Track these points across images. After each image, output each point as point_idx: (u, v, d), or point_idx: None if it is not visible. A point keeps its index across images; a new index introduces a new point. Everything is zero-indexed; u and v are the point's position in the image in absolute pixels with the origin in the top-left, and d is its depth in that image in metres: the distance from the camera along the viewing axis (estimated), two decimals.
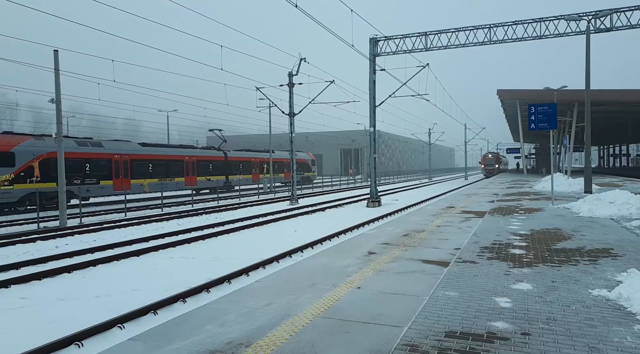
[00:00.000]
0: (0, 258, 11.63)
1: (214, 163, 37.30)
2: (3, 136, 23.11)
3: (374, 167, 25.59)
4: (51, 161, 23.60)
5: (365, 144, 59.07)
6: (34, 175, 23.10)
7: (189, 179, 34.16)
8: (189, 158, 34.40)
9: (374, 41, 24.82)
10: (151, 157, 30.89)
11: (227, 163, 39.08)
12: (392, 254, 8.27)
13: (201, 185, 35.70)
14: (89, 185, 26.22)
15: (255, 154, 44.45)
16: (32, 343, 5.67)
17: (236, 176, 40.07)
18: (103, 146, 27.75)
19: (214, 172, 37.17)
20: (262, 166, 44.65)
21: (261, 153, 45.83)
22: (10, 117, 73.96)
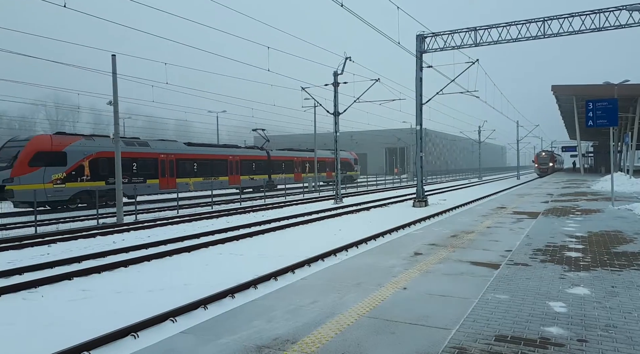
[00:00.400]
0: (64, 252, 12.40)
1: (257, 163, 37.56)
2: (56, 136, 23.87)
3: (420, 166, 25.15)
4: (100, 160, 24.54)
5: (411, 143, 58.21)
6: (84, 173, 23.87)
7: (232, 178, 34.57)
8: (233, 157, 34.86)
9: (420, 38, 24.39)
10: (196, 157, 31.33)
11: (269, 162, 39.21)
12: (439, 255, 8.12)
13: (244, 184, 36.05)
14: (136, 183, 26.71)
15: (297, 153, 44.58)
16: (92, 333, 6.01)
17: (278, 175, 40.14)
18: (150, 145, 28.37)
19: (257, 171, 37.42)
20: (304, 165, 44.59)
21: (303, 152, 45.92)
22: (72, 119, 78.62)
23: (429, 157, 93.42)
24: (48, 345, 5.70)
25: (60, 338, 6.02)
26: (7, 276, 9.72)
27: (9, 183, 21.14)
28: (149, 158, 27.84)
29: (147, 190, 27.79)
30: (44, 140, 22.92)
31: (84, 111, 61.10)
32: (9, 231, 16.82)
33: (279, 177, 40.11)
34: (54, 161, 22.59)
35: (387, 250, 8.81)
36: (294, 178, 42.33)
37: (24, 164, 21.59)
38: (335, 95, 27.47)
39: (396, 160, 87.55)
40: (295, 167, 43.07)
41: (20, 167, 21.45)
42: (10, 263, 11.08)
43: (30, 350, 5.60)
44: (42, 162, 22.08)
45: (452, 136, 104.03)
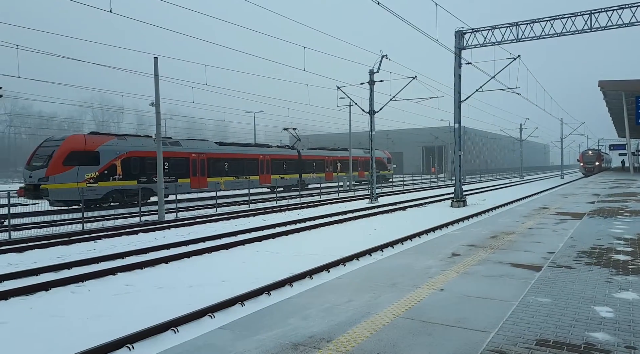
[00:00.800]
0: (108, 248, 12.93)
1: (287, 162, 37.30)
2: (89, 136, 24.02)
3: (458, 165, 24.64)
4: (132, 159, 24.82)
5: (449, 141, 57.01)
6: (116, 173, 24.06)
7: (263, 177, 34.44)
8: (264, 156, 34.72)
9: (459, 34, 23.89)
10: (227, 156, 31.36)
11: (300, 161, 38.86)
12: (478, 256, 7.93)
13: (275, 184, 35.69)
14: (167, 183, 26.47)
15: (328, 152, 43.86)
16: (135, 326, 6.24)
17: (309, 174, 39.85)
18: (181, 145, 28.38)
19: (287, 170, 37.19)
20: (336, 164, 43.91)
21: (334, 151, 45.32)
22: (117, 120, 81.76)
23: (468, 155, 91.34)
24: (94, 337, 5.96)
25: (105, 331, 6.28)
26: (57, 270, 10.22)
27: (44, 182, 21.46)
28: (180, 158, 27.85)
29: (179, 189, 27.40)
30: (78, 139, 23.21)
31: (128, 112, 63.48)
32: (59, 227, 17.68)
33: (310, 176, 39.85)
34: (87, 160, 22.91)
35: (423, 250, 8.69)
36: (325, 178, 41.89)
37: (59, 163, 21.91)
38: (371, 94, 27.31)
39: (433, 159, 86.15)
40: (326, 166, 42.57)
41: (55, 166, 21.78)
42: (60, 257, 11.66)
43: (77, 341, 5.87)
44: (76, 161, 22.37)
45: (492, 134, 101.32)
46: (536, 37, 22.52)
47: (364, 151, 47.82)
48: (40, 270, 10.01)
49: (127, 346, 5.70)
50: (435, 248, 8.86)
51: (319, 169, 41.58)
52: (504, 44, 23.12)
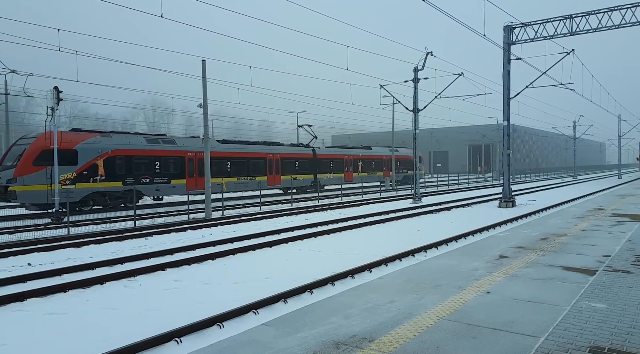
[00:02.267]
0: (158, 245, 13.45)
1: (300, 161, 34.52)
2: (67, 133, 22.09)
3: (507, 164, 23.83)
4: (117, 159, 22.79)
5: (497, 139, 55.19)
6: (98, 173, 21.97)
7: (272, 178, 32.02)
8: (272, 155, 32.22)
9: (508, 29, 23.10)
10: (230, 155, 29.08)
11: (315, 161, 35.91)
12: (527, 258, 7.65)
13: (286, 185, 33.29)
14: (159, 184, 24.66)
15: (348, 151, 40.74)
16: (183, 320, 6.46)
17: (326, 175, 36.74)
18: (176, 143, 26.28)
19: (300, 171, 34.43)
20: (357, 164, 40.44)
21: (356, 149, 42.30)
22: (167, 121, 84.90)
23: (517, 154, 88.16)
24: (145, 329, 6.23)
25: (155, 323, 6.55)
26: (111, 265, 10.75)
27: (13, 183, 19.52)
28: (174, 157, 25.59)
29: (172, 191, 25.56)
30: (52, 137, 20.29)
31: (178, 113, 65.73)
32: (113, 224, 18.58)
33: (326, 176, 36.76)
34: (63, 160, 20.51)
35: (469, 251, 8.48)
36: (344, 178, 38.49)
37: (28, 163, 19.80)
38: (415, 92, 26.90)
39: (480, 158, 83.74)
40: (346, 166, 39.26)
41: (24, 166, 19.70)
42: (113, 253, 12.25)
43: (130, 333, 6.16)
44: (49, 161, 19.61)
45: (543, 132, 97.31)
46: (592, 30, 21.41)
47: (389, 149, 44.70)
48: (95, 264, 10.56)
49: (175, 339, 5.91)
50: (482, 249, 8.62)
51: (337, 169, 38.47)
52: (556, 37, 22.14)
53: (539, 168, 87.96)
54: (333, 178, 37.35)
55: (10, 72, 19.57)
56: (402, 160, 46.05)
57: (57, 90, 19.13)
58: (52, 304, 7.76)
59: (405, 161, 46.57)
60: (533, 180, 63.14)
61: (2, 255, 11.81)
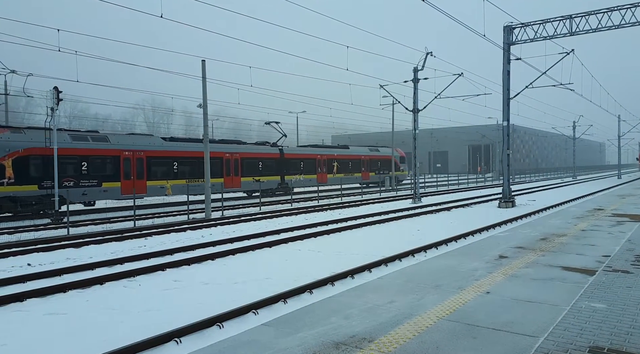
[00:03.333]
0: (158, 245, 13.45)
1: (265, 162, 31.27)
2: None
3: (507, 164, 23.84)
4: (31, 159, 19.82)
5: (497, 140, 55.19)
6: (4, 176, 19.05)
7: (229, 180, 28.79)
8: (230, 155, 28.99)
9: (508, 29, 23.11)
10: (175, 154, 25.83)
11: (283, 161, 32.79)
12: (526, 259, 7.66)
13: (247, 187, 30.12)
14: (86, 187, 21.68)
15: (322, 150, 37.35)
16: (183, 321, 6.46)
17: (295, 176, 33.62)
18: (109, 140, 23.14)
19: (264, 172, 31.14)
20: (332, 164, 37.17)
21: (331, 149, 38.96)
22: (167, 121, 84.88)
23: (517, 154, 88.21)
24: (145, 329, 6.23)
25: (155, 324, 6.54)
26: (111, 265, 10.75)
27: None
28: (105, 157, 22.60)
29: (104, 196, 22.68)
30: None
31: (177, 113, 65.73)
32: (112, 224, 18.57)
33: (295, 178, 33.58)
34: None
35: (469, 252, 8.48)
36: (316, 180, 35.10)
37: None
38: (415, 92, 26.91)
39: (480, 158, 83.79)
40: (319, 167, 35.87)
41: None
42: (113, 253, 12.24)
43: (130, 333, 6.16)
44: None
45: (542, 132, 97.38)
46: (592, 30, 21.42)
47: (369, 149, 42.07)
48: (95, 264, 10.56)
49: (175, 339, 5.91)
50: (482, 250, 8.63)
51: (309, 170, 35.01)
52: (556, 38, 22.16)
53: (539, 168, 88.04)
54: (304, 180, 34.06)
55: (10, 72, 19.60)
56: (383, 160, 42.96)
57: (57, 90, 19.13)
58: (51, 304, 7.76)
59: (385, 161, 43.37)
60: (533, 180, 63.17)
61: (2, 255, 11.81)
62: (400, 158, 45.74)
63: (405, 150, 49.11)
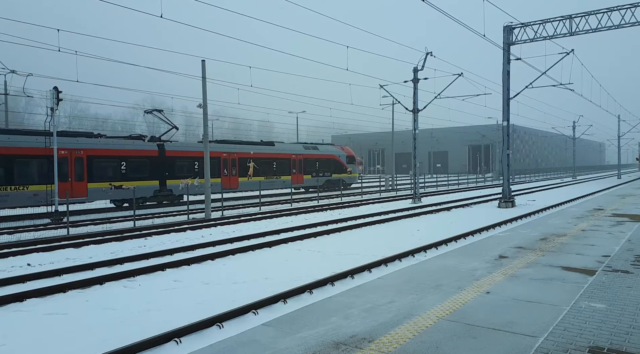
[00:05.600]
0: (158, 245, 13.44)
1: (132, 161, 23.81)
2: None
3: (507, 164, 23.85)
4: None
5: (497, 140, 55.16)
6: None
7: (77, 186, 21.78)
8: (70, 153, 21.53)
9: (508, 29, 23.12)
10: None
11: (164, 160, 25.42)
12: (526, 259, 7.66)
13: (96, 197, 22.52)
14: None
15: (233, 147, 29.87)
16: (183, 321, 6.46)
17: (184, 180, 25.99)
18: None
19: (131, 175, 23.64)
20: (246, 165, 30.32)
21: (247, 146, 31.68)
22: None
23: (517, 154, 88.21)
24: (144, 330, 6.22)
25: (154, 324, 6.54)
26: (111, 265, 10.74)
27: None
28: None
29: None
30: None
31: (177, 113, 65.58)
32: (112, 224, 18.56)
33: (184, 182, 25.78)
34: None
35: (469, 252, 8.48)
36: (221, 184, 27.32)
37: None
38: (414, 92, 26.92)
39: (480, 158, 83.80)
40: (225, 168, 28.89)
41: None
42: (113, 253, 12.24)
43: (130, 333, 6.15)
44: None
45: (542, 132, 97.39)
46: (592, 30, 21.43)
47: (304, 146, 35.98)
48: (95, 264, 10.55)
49: (175, 339, 5.91)
50: (482, 250, 8.63)
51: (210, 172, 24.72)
52: (556, 38, 22.16)
53: (539, 168, 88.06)
54: (200, 185, 25.68)
55: (10, 72, 19.58)
56: (323, 160, 36.76)
57: (57, 90, 19.13)
58: (51, 304, 7.75)
59: (328, 161, 37.27)
60: (533, 180, 63.18)
61: (2, 255, 11.80)
62: (348, 157, 39.38)
63: (405, 149, 48.64)
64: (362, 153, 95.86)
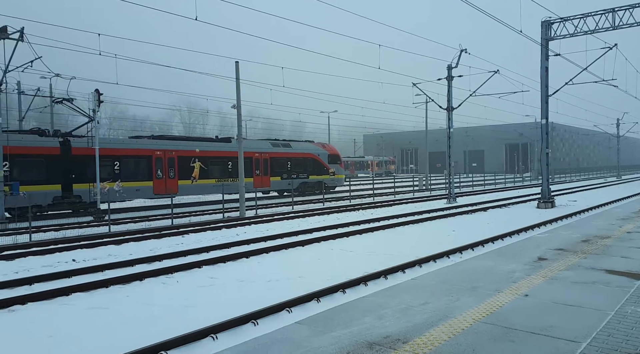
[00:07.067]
0: (195, 242, 13.76)
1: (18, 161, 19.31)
2: None
3: (546, 164, 23.12)
4: None
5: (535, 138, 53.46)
6: None
7: None
8: None
9: (546, 24, 22.39)
10: None
11: (68, 160, 20.89)
12: (567, 261, 7.41)
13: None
14: None
15: (170, 144, 25.02)
16: (219, 317, 6.59)
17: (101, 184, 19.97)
18: None
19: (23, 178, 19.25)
20: (189, 165, 25.40)
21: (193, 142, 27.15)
22: (202, 122, 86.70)
23: (557, 153, 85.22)
24: (182, 325, 6.39)
25: (192, 319, 6.71)
26: (150, 262, 11.08)
27: None
28: None
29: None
30: None
31: (212, 114, 67.00)
32: (151, 222, 19.13)
33: (100, 187, 19.82)
34: None
35: (506, 253, 8.28)
36: (152, 189, 23.62)
37: None
38: (449, 90, 26.46)
39: (518, 157, 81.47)
40: (159, 169, 23.96)
41: None
42: (152, 250, 12.62)
43: (168, 328, 6.34)
44: None
45: (584, 130, 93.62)
46: (636, 24, 20.46)
47: (271, 143, 31.39)
48: (135, 261, 10.92)
49: (211, 335, 6.04)
50: (520, 251, 8.41)
51: (140, 174, 23.37)
52: (597, 32, 21.29)
53: (580, 167, 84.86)
54: (125, 190, 22.30)
55: (55, 75, 20.50)
56: (296, 159, 31.98)
57: (98, 92, 19.86)
58: (94, 299, 8.08)
59: (305, 161, 32.58)
60: (573, 180, 60.95)
61: (49, 251, 12.39)
62: (330, 157, 34.56)
63: (439, 148, 47.47)
64: (394, 152, 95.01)
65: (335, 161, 34.90)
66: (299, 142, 34.24)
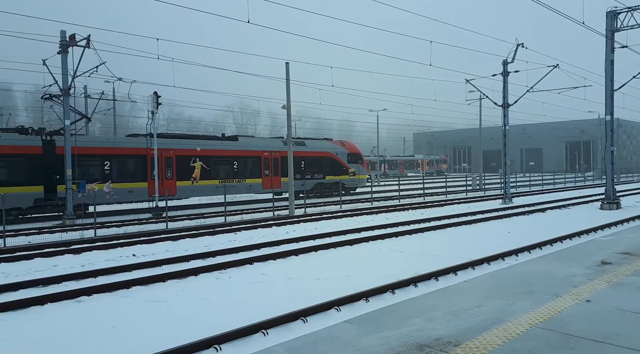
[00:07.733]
0: (246, 240, 14.10)
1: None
2: None
3: (611, 162, 21.73)
4: None
5: (598, 135, 50.36)
6: None
7: None
8: None
9: (612, 14, 21.02)
10: None
11: (50, 160, 19.88)
12: (634, 266, 6.95)
13: None
14: None
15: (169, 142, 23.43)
16: (269, 313, 6.73)
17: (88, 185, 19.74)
18: None
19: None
20: (188, 165, 24.05)
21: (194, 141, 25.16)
22: (254, 123, 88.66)
23: (623, 151, 79.97)
24: (235, 320, 6.58)
25: (244, 314, 6.89)
26: (204, 258, 11.49)
27: None
28: None
29: None
30: None
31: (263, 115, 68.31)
32: (206, 219, 19.81)
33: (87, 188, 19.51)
34: None
35: (566, 256, 7.88)
36: (147, 190, 22.35)
37: None
38: (504, 86, 25.49)
39: (579, 156, 77.16)
40: (153, 169, 21.90)
41: None
42: (206, 246, 13.07)
43: (222, 322, 6.54)
44: None
45: None
46: None
47: (282, 142, 28.14)
48: (190, 257, 11.35)
49: (262, 331, 6.18)
50: (581, 254, 7.98)
51: (132, 174, 22.18)
52: None
53: None
54: (117, 191, 20.94)
55: (117, 79, 21.66)
56: (311, 159, 29.78)
57: (157, 95, 20.82)
58: (153, 292, 8.48)
59: (320, 160, 30.32)
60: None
61: (112, 246, 13.15)
62: (350, 155, 32.14)
63: (494, 147, 45.81)
64: (446, 151, 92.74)
65: (356, 160, 32.52)
66: (314, 140, 31.96)
